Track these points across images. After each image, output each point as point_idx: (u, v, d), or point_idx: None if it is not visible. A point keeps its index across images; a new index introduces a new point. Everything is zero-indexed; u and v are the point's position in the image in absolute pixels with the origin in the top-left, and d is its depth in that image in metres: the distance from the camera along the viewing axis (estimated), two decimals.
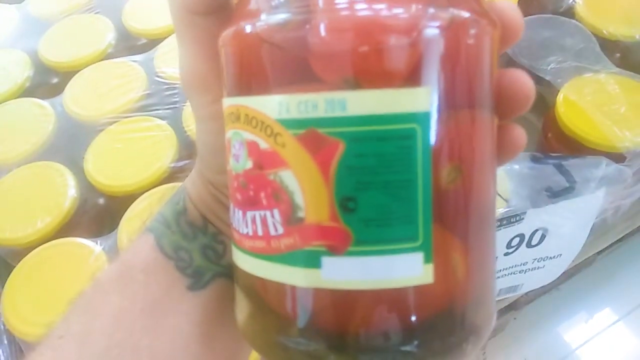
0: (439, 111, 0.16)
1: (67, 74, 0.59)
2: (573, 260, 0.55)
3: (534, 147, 0.56)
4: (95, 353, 0.21)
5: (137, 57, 0.59)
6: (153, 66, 0.58)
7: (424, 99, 0.16)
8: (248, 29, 0.17)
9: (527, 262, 0.51)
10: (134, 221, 0.47)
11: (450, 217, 0.17)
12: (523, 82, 0.20)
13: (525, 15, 0.58)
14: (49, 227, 0.48)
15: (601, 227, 0.53)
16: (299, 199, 0.16)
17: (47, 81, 0.62)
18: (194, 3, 0.20)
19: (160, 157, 0.51)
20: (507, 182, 0.44)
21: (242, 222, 0.18)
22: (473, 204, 0.18)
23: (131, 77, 0.58)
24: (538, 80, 0.55)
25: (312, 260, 0.16)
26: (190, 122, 0.53)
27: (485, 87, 0.18)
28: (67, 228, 0.49)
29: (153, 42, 0.61)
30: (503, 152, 0.21)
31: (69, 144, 0.54)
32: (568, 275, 0.64)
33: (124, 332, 0.21)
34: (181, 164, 0.51)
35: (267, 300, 0.18)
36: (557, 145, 0.51)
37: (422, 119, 0.16)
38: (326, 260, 0.16)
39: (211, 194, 0.23)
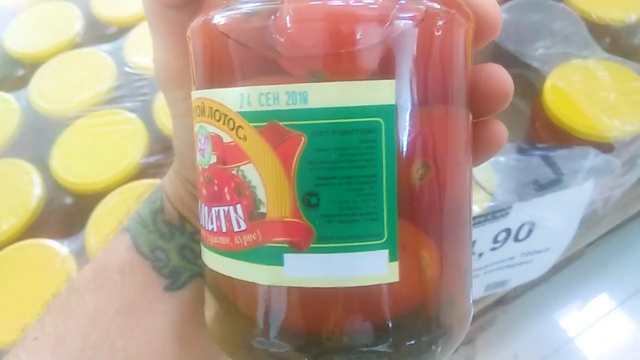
0: (406, 105, 0.16)
1: (33, 66, 0.57)
2: (563, 253, 0.54)
3: (522, 136, 0.54)
4: (70, 354, 0.20)
5: (106, 47, 0.57)
6: (123, 56, 0.56)
7: (388, 91, 0.15)
8: (214, 20, 0.17)
9: (514, 257, 0.50)
10: (103, 220, 0.45)
11: (419, 215, 0.17)
12: (501, 77, 0.19)
13: None
14: (14, 229, 0.46)
15: (591, 218, 0.51)
16: (261, 194, 0.16)
17: (13, 73, 0.60)
18: None
19: (130, 152, 0.49)
20: (493, 175, 0.42)
21: (208, 218, 0.18)
22: (444, 201, 0.17)
23: (100, 67, 0.55)
24: (526, 66, 0.52)
25: (274, 257, 0.16)
26: (161, 115, 0.51)
27: (457, 82, 0.17)
28: (33, 229, 0.47)
29: (123, 30, 0.59)
30: (483, 149, 0.20)
31: (35, 139, 0.52)
32: (558, 267, 0.62)
33: (100, 333, 0.21)
34: (152, 159, 0.49)
35: (232, 299, 0.18)
36: (544, 134, 0.49)
37: (386, 112, 0.15)
38: (288, 257, 0.16)
39: (189, 191, 0.23)
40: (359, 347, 0.16)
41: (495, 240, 0.46)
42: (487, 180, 0.42)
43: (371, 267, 0.16)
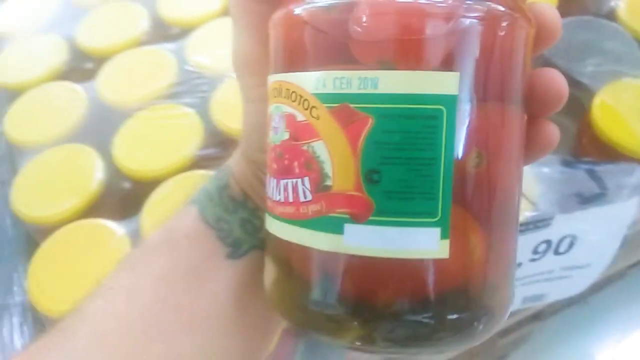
0: (467, 97, 0.17)
1: (101, 60, 0.60)
2: (603, 271, 0.53)
3: (568, 152, 0.54)
4: (141, 306, 0.22)
5: (169, 46, 0.60)
6: (184, 55, 0.59)
7: (452, 83, 0.17)
8: (295, 11, 0.19)
9: (553, 270, 0.50)
10: (158, 206, 0.48)
11: (471, 201, 0.18)
12: (556, 80, 0.20)
13: (564, 17, 0.56)
14: (75, 208, 0.49)
15: (635, 238, 0.51)
16: (328, 168, 0.17)
17: (82, 66, 0.64)
18: None
19: (186, 144, 0.51)
20: (536, 185, 0.43)
21: (276, 189, 0.19)
22: (495, 192, 0.19)
23: (162, 65, 0.58)
24: (575, 83, 0.53)
25: (335, 226, 0.17)
26: (217, 111, 0.53)
27: (515, 81, 0.19)
28: (93, 209, 0.50)
29: (185, 31, 0.62)
30: (535, 148, 0.21)
31: (99, 128, 0.55)
32: (597, 287, 0.62)
33: (167, 290, 0.23)
34: (206, 152, 0.51)
35: (293, 264, 0.20)
36: (592, 150, 0.50)
37: (448, 101, 0.17)
38: (348, 227, 0.17)
39: (252, 171, 0.25)
40: (405, 315, 0.18)
41: (535, 251, 0.46)
42: (530, 189, 0.43)
43: (424, 243, 0.17)
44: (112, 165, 0.52)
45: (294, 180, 0.18)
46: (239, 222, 0.25)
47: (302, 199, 0.18)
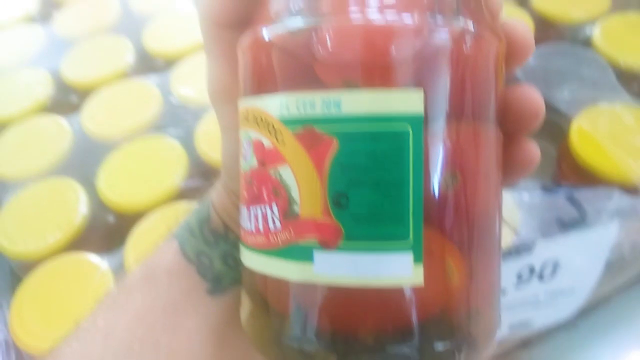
0: (434, 116, 0.17)
1: (86, 93, 0.61)
2: (589, 297, 0.53)
3: (548, 177, 0.55)
4: (118, 346, 0.22)
5: (154, 78, 0.61)
6: (169, 87, 0.59)
7: (416, 101, 0.16)
8: (261, 34, 0.18)
9: (538, 296, 0.50)
10: (141, 238, 0.47)
11: (447, 223, 0.17)
12: (531, 96, 0.20)
13: (541, 44, 0.57)
14: (59, 242, 0.49)
15: (618, 262, 0.51)
16: (295, 193, 0.17)
17: (67, 99, 0.64)
18: (220, 15, 0.21)
19: (171, 176, 0.51)
20: (517, 211, 0.43)
21: (247, 218, 0.19)
22: (472, 213, 0.18)
23: (147, 97, 0.59)
24: (553, 109, 0.54)
25: (305, 254, 0.17)
26: (201, 142, 0.54)
27: (486, 99, 0.18)
28: (77, 243, 0.49)
29: (170, 64, 0.62)
30: (516, 167, 0.21)
31: (84, 161, 0.55)
32: (585, 312, 0.62)
33: (146, 329, 0.23)
34: (191, 183, 0.51)
35: (266, 297, 0.19)
36: (571, 175, 0.50)
37: (414, 120, 0.16)
38: (318, 255, 0.17)
39: (233, 202, 0.25)
40: (383, 347, 0.17)
41: (519, 277, 0.47)
42: (511, 216, 0.43)
43: (396, 268, 0.16)
44: (96, 198, 0.52)
45: (263, 207, 0.18)
46: (220, 256, 0.25)
47: (271, 227, 0.18)
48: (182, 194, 0.51)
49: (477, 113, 0.18)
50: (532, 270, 0.46)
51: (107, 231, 0.52)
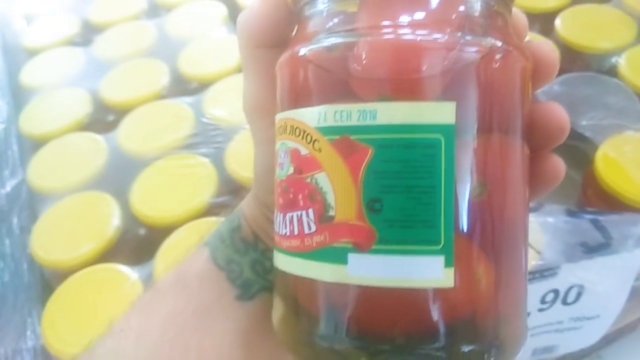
0: (465, 127, 0.18)
1: (122, 112, 0.64)
2: (614, 324, 0.53)
3: (573, 204, 0.55)
4: (150, 346, 0.23)
5: (188, 99, 0.63)
6: (201, 108, 0.61)
7: (449, 112, 0.17)
8: (299, 52, 0.20)
9: (562, 321, 0.49)
10: (171, 251, 0.49)
11: (476, 230, 0.18)
12: (557, 113, 0.21)
13: (567, 73, 0.58)
14: (91, 253, 0.51)
15: None
16: (330, 198, 0.18)
17: (104, 118, 0.67)
18: (260, 38, 0.23)
19: (201, 192, 0.53)
20: (541, 234, 0.44)
21: (282, 223, 0.20)
22: (500, 222, 0.19)
23: (180, 117, 0.61)
24: (579, 136, 0.54)
25: (339, 256, 0.18)
26: (231, 161, 0.55)
27: (514, 113, 0.19)
28: (109, 254, 0.51)
29: (203, 86, 0.65)
30: (541, 182, 0.22)
31: (118, 176, 0.57)
32: (609, 340, 0.61)
33: (176, 331, 0.23)
34: (220, 200, 0.53)
35: (299, 298, 0.20)
36: (596, 201, 0.50)
37: (446, 131, 0.17)
38: (352, 257, 0.18)
39: (263, 214, 0.26)
40: (413, 348, 0.18)
41: (543, 301, 0.46)
42: (535, 238, 0.43)
43: (428, 271, 0.17)
44: (128, 211, 0.53)
45: (299, 212, 0.19)
46: (249, 264, 0.25)
47: (306, 230, 0.19)
48: (211, 210, 0.53)
49: (505, 126, 0.19)
50: (556, 294, 0.46)
51: (137, 244, 0.53)
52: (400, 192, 0.17)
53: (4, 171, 0.66)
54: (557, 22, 0.63)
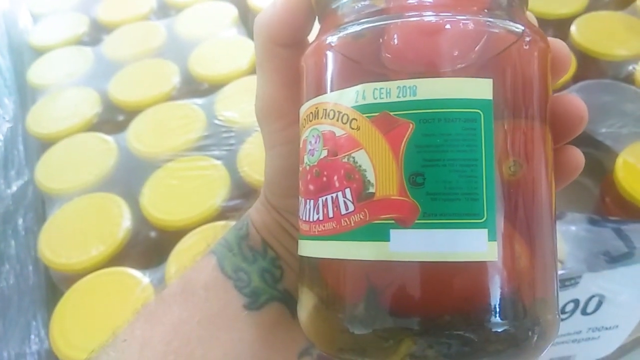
0: (500, 104, 0.18)
1: (132, 113, 0.63)
2: (631, 334, 0.52)
3: (590, 212, 0.55)
4: (154, 357, 0.22)
5: (199, 101, 0.62)
6: (213, 110, 0.61)
7: (486, 88, 0.18)
8: (327, 41, 0.20)
9: (581, 331, 0.49)
10: (183, 255, 0.48)
11: (513, 208, 0.18)
12: (575, 103, 0.21)
13: (583, 80, 0.58)
14: (101, 256, 0.50)
15: None
16: (370, 176, 0.18)
17: (114, 118, 0.66)
18: (280, 36, 0.22)
19: (213, 195, 0.52)
20: (563, 243, 0.43)
21: (313, 210, 0.19)
22: (532, 203, 0.18)
23: (192, 118, 0.60)
24: (595, 144, 0.54)
25: (380, 233, 0.17)
26: (244, 164, 0.55)
27: (542, 97, 0.19)
28: (119, 258, 0.50)
29: (214, 87, 0.64)
30: (562, 172, 0.22)
31: (128, 177, 0.57)
32: (625, 350, 0.60)
33: (181, 341, 0.23)
34: (232, 203, 0.52)
35: (333, 284, 0.19)
36: (615, 209, 0.50)
37: (485, 105, 0.17)
38: (394, 233, 0.17)
39: (274, 219, 0.25)
40: (459, 325, 0.17)
41: (562, 311, 0.46)
42: (557, 247, 0.43)
43: (471, 244, 0.17)
44: (139, 214, 0.53)
45: (334, 194, 0.19)
46: (258, 272, 0.24)
47: (343, 211, 0.18)
48: (223, 214, 0.52)
49: (534, 109, 0.19)
50: (576, 305, 0.45)
51: (148, 247, 0.52)
52: (443, 165, 0.17)
53: (10, 171, 0.65)
54: (573, 28, 0.63)
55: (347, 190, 0.18)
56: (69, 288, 0.48)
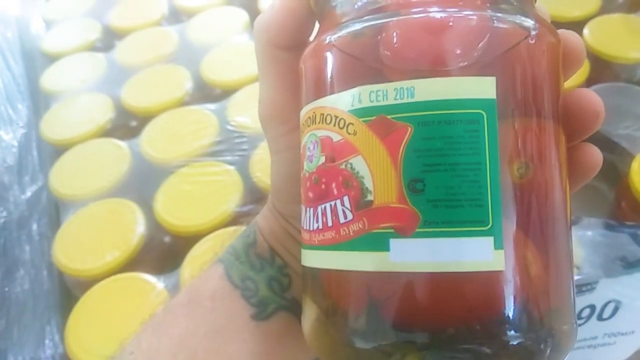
0: (505, 103, 0.17)
1: (145, 118, 0.63)
2: None
3: (605, 216, 0.54)
4: None
5: (211, 106, 0.62)
6: (225, 115, 0.61)
7: (489, 87, 0.16)
8: (327, 40, 0.19)
9: (597, 337, 0.48)
10: (197, 260, 0.48)
11: (522, 213, 0.17)
12: (590, 98, 0.20)
13: (597, 83, 0.57)
14: (116, 261, 0.50)
15: None
16: (368, 183, 0.17)
17: (127, 124, 0.66)
18: (279, 38, 0.22)
19: (226, 200, 0.52)
20: (579, 248, 0.43)
21: (313, 218, 0.19)
22: (545, 207, 0.17)
23: (204, 124, 0.60)
24: (610, 146, 0.53)
25: (380, 243, 0.16)
26: (256, 169, 0.55)
27: (552, 94, 0.18)
28: (133, 263, 0.50)
29: (227, 93, 0.64)
30: (578, 171, 0.21)
31: (142, 183, 0.57)
32: None
33: (187, 353, 0.22)
34: (246, 208, 0.52)
35: (335, 295, 0.18)
36: (631, 213, 0.49)
37: (488, 106, 0.16)
38: (394, 242, 0.16)
39: (281, 226, 0.25)
40: (465, 337, 0.16)
41: (578, 317, 0.45)
42: (573, 252, 0.42)
43: (476, 253, 0.16)
44: (153, 219, 0.53)
45: (332, 202, 0.18)
46: (266, 281, 0.24)
47: (342, 220, 0.17)
48: (237, 219, 0.52)
49: (543, 107, 0.18)
50: (592, 310, 0.45)
51: (162, 252, 0.53)
52: (444, 170, 0.16)
53: (24, 177, 0.65)
54: (585, 31, 0.62)
55: (346, 198, 0.17)
56: (83, 293, 0.48)
